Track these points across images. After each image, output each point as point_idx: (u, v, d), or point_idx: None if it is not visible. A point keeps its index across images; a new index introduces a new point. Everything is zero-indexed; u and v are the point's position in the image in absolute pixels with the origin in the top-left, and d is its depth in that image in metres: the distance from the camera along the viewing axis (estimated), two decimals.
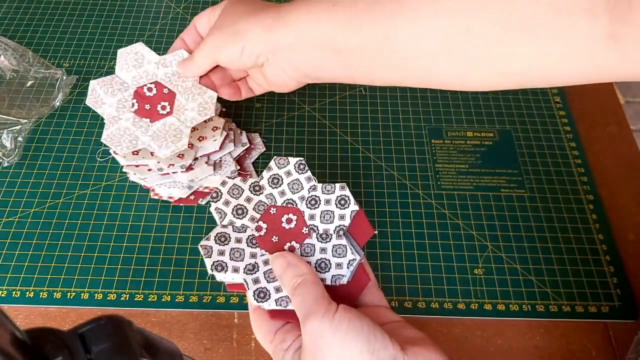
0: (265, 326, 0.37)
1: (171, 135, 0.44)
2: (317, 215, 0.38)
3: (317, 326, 0.32)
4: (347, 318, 0.32)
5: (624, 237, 0.49)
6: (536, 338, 0.44)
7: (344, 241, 0.37)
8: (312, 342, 0.33)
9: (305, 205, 0.39)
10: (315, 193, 0.39)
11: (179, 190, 0.49)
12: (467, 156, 0.54)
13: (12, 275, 0.46)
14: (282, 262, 0.36)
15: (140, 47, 0.47)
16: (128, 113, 0.45)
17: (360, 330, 0.32)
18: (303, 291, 0.34)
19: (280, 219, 0.39)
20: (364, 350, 0.31)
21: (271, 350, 0.36)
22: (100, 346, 0.22)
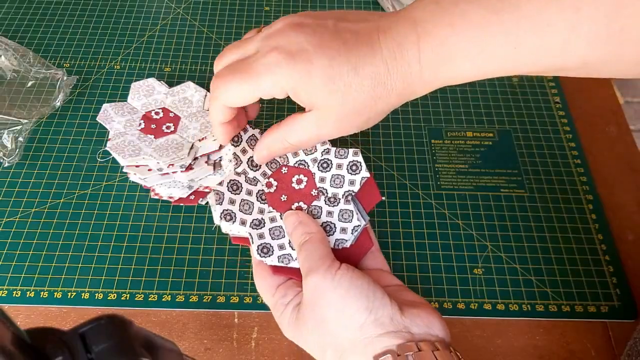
0: (267, 281, 0.38)
1: (173, 148, 0.46)
2: (327, 179, 0.39)
3: (319, 281, 0.33)
4: (348, 276, 0.33)
5: (624, 237, 0.49)
6: (536, 338, 0.45)
7: (351, 206, 0.38)
8: (313, 297, 0.33)
9: (316, 168, 0.40)
10: (327, 156, 0.40)
11: (179, 190, 0.49)
12: (467, 156, 0.54)
13: (12, 275, 0.46)
14: (294, 219, 0.37)
15: (152, 81, 0.50)
16: (134, 130, 0.47)
17: (360, 288, 0.33)
18: (309, 247, 0.35)
19: (290, 178, 0.40)
20: (362, 308, 0.32)
21: (272, 304, 0.37)
22: (101, 346, 0.22)
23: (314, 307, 0.33)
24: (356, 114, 0.35)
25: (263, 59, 0.35)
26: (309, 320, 0.34)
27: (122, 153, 0.45)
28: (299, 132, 0.37)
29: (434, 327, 0.33)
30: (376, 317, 0.32)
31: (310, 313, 0.34)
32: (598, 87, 0.60)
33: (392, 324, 0.32)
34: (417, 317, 0.33)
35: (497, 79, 0.60)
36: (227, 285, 0.46)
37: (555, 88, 0.59)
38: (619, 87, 1.51)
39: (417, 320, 0.32)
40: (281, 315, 0.36)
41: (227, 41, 0.63)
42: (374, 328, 0.32)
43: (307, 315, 0.34)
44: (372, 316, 0.32)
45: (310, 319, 0.34)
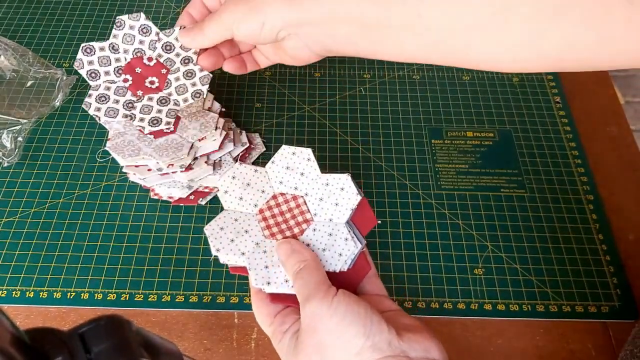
0: (265, 309, 0.38)
1: (172, 148, 0.45)
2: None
3: (316, 308, 0.33)
4: (345, 302, 0.33)
5: (624, 237, 0.49)
6: (536, 338, 0.45)
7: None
8: (311, 323, 0.33)
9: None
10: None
11: (178, 190, 0.49)
12: (467, 156, 0.54)
13: (12, 275, 0.46)
14: (287, 248, 0.37)
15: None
16: (134, 130, 0.46)
17: (357, 314, 0.33)
18: (305, 275, 0.35)
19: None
20: (359, 333, 0.32)
21: (270, 332, 0.37)
22: (100, 346, 0.22)
23: (312, 334, 0.33)
24: None
25: None
26: (308, 347, 0.33)
27: (122, 153, 0.45)
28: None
29: (432, 351, 0.33)
30: (373, 342, 0.32)
31: (308, 340, 0.34)
32: (598, 87, 0.60)
33: (390, 348, 0.32)
34: (415, 341, 0.33)
35: (498, 78, 0.60)
36: (227, 286, 0.46)
37: (556, 88, 0.59)
38: (619, 87, 1.51)
39: (414, 344, 0.32)
40: (280, 342, 0.36)
41: None
42: (372, 353, 0.32)
43: (306, 342, 0.34)
44: (370, 341, 0.32)
45: (308, 345, 0.33)
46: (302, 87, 0.59)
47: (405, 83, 0.60)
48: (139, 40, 0.46)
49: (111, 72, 0.45)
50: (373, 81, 0.60)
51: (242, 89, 0.47)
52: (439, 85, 0.59)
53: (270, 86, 0.59)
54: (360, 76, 0.60)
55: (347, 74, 0.60)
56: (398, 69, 0.61)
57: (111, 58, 0.45)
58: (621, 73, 1.56)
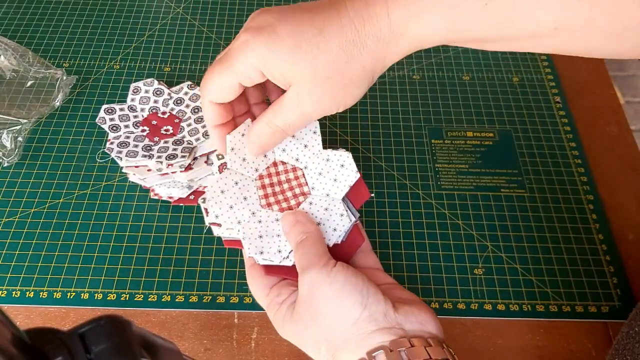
0: (260, 281, 0.38)
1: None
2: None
3: (315, 277, 0.34)
4: (343, 272, 0.34)
5: (624, 237, 0.49)
6: (536, 338, 0.44)
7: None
8: (309, 292, 0.34)
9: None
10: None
11: (178, 190, 0.49)
12: (467, 156, 0.54)
13: (12, 275, 0.46)
14: (292, 219, 0.37)
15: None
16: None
17: (355, 284, 0.33)
18: (306, 245, 0.36)
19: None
20: (357, 303, 0.33)
21: (265, 304, 0.37)
22: (100, 346, 0.22)
23: (309, 302, 0.34)
24: (330, 80, 0.34)
25: (235, 43, 0.35)
26: (305, 315, 0.34)
27: (121, 154, 0.46)
28: (282, 113, 0.36)
29: (427, 324, 0.33)
30: (370, 312, 0.32)
31: (305, 308, 0.34)
32: (598, 87, 0.60)
33: (386, 320, 0.32)
34: (410, 314, 0.33)
35: (498, 78, 0.60)
36: (227, 285, 0.46)
37: (556, 88, 0.59)
38: (619, 87, 1.51)
39: (410, 317, 0.33)
40: (275, 314, 0.36)
41: (227, 41, 0.63)
42: (368, 324, 0.32)
43: (303, 311, 0.34)
44: (366, 312, 0.32)
45: (305, 314, 0.34)
46: None
47: (405, 83, 0.60)
48: (154, 100, 0.51)
49: (130, 125, 0.50)
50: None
51: None
52: (439, 85, 0.59)
53: None
54: None
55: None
56: (398, 69, 0.61)
57: (130, 115, 0.50)
58: (621, 73, 1.56)
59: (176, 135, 0.49)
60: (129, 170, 0.48)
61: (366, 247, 0.40)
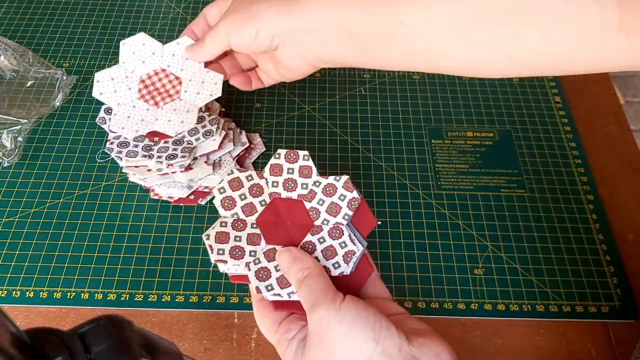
0: (269, 317, 0.37)
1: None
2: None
3: (324, 315, 0.33)
4: (353, 307, 0.33)
5: (624, 237, 0.49)
6: (536, 338, 0.44)
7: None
8: (319, 330, 0.33)
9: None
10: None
11: (178, 190, 0.49)
12: (467, 156, 0.54)
13: (12, 275, 0.46)
14: (288, 256, 0.37)
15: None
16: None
17: (366, 319, 0.32)
18: (310, 283, 0.35)
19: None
20: (369, 339, 0.31)
21: (275, 341, 0.36)
22: (100, 346, 0.22)
23: (320, 341, 0.33)
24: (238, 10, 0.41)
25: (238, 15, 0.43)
26: (316, 354, 0.33)
27: (121, 154, 0.45)
28: None
29: (443, 355, 0.32)
30: (383, 347, 0.31)
31: (316, 347, 0.33)
32: (598, 87, 0.60)
33: (400, 354, 0.31)
34: (425, 346, 0.32)
35: (498, 78, 0.60)
36: (227, 286, 0.46)
37: (556, 88, 0.59)
38: (619, 87, 1.51)
39: (425, 349, 0.32)
40: (285, 351, 0.35)
41: None
42: (382, 359, 0.31)
43: (314, 350, 0.33)
44: (380, 347, 0.31)
45: (317, 353, 0.33)
46: (302, 87, 0.59)
47: (405, 83, 0.60)
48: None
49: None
50: (373, 81, 0.60)
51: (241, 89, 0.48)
52: (439, 85, 0.59)
53: (270, 86, 0.59)
54: (360, 76, 0.60)
55: (347, 74, 0.60)
56: None
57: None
58: (621, 73, 1.56)
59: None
60: (129, 170, 0.48)
61: (375, 276, 0.39)
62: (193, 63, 0.47)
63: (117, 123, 0.45)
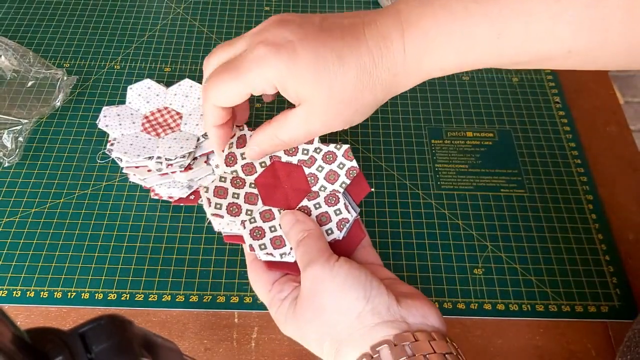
0: (262, 277, 0.38)
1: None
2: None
3: (318, 272, 0.34)
4: (346, 266, 0.34)
5: (624, 237, 0.49)
6: (536, 338, 0.45)
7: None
8: (312, 287, 0.34)
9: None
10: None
11: (178, 190, 0.49)
12: (467, 156, 0.54)
13: (12, 275, 0.46)
14: (291, 218, 0.38)
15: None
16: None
17: (358, 277, 0.33)
18: (308, 242, 0.36)
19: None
20: (360, 297, 0.33)
21: (268, 301, 0.37)
22: (101, 346, 0.22)
23: (312, 297, 0.34)
24: (343, 105, 0.35)
25: (250, 54, 0.35)
26: (307, 310, 0.34)
27: (123, 152, 0.46)
28: (289, 128, 0.37)
29: (430, 318, 0.33)
30: (373, 305, 0.32)
31: (308, 303, 0.34)
32: (598, 87, 0.60)
33: (389, 313, 0.32)
34: (413, 307, 0.33)
35: (497, 78, 0.60)
36: (227, 285, 0.46)
37: (555, 88, 0.59)
38: (619, 87, 1.51)
39: (413, 310, 0.33)
40: (278, 310, 0.36)
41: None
42: (371, 317, 0.32)
43: (305, 306, 0.34)
44: (370, 305, 0.32)
45: (308, 309, 0.34)
46: None
47: None
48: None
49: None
50: None
51: None
52: (439, 85, 0.60)
53: None
54: None
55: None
56: None
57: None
58: (621, 73, 1.56)
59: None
60: (129, 171, 0.48)
61: (366, 242, 0.40)
62: (193, 100, 0.49)
63: (120, 148, 0.46)
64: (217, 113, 0.39)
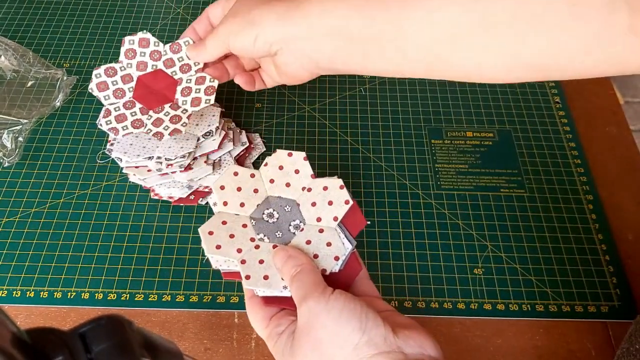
0: (260, 313, 0.38)
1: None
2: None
3: (313, 306, 0.34)
4: (341, 299, 0.34)
5: (624, 237, 0.49)
6: (536, 338, 0.45)
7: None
8: (308, 321, 0.34)
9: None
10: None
11: (178, 190, 0.49)
12: (467, 156, 0.54)
13: (12, 275, 0.46)
14: (284, 254, 0.38)
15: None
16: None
17: (353, 310, 0.33)
18: (301, 277, 0.36)
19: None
20: (356, 328, 0.33)
21: (265, 336, 0.38)
22: (101, 346, 0.22)
23: (309, 331, 0.34)
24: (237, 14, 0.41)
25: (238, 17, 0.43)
26: (305, 344, 0.34)
27: (123, 152, 0.46)
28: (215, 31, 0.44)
29: (427, 347, 0.33)
30: (369, 337, 0.32)
31: (305, 338, 0.34)
32: (598, 87, 0.60)
33: (386, 344, 0.32)
34: (410, 338, 0.33)
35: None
36: (227, 285, 0.46)
37: (555, 88, 0.60)
38: (619, 87, 1.51)
39: (410, 341, 0.33)
40: (275, 344, 0.36)
41: None
42: (368, 348, 0.32)
43: (303, 340, 0.34)
44: (366, 337, 0.32)
45: (305, 343, 0.34)
46: (302, 87, 0.59)
47: (405, 83, 0.60)
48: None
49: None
50: (373, 81, 0.60)
51: (242, 89, 0.48)
52: (439, 85, 0.60)
53: None
54: (360, 76, 0.60)
55: (346, 74, 0.60)
56: None
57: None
58: None
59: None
60: (129, 171, 0.48)
61: (364, 274, 0.40)
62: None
63: (120, 148, 0.46)
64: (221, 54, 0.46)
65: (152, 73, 0.49)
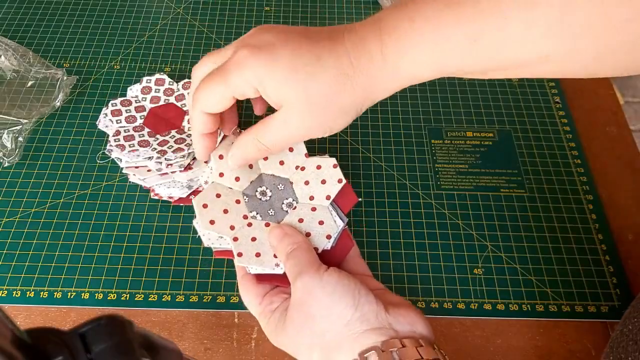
0: (253, 290, 0.39)
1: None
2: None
3: (308, 282, 0.34)
4: (335, 275, 0.35)
5: (624, 237, 0.49)
6: (536, 338, 0.45)
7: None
8: (302, 297, 0.35)
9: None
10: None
11: (178, 190, 0.49)
12: (467, 156, 0.54)
13: (12, 275, 0.46)
14: (279, 232, 0.38)
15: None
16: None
17: (347, 286, 0.34)
18: (297, 254, 0.36)
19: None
20: (349, 304, 0.33)
21: (258, 313, 0.38)
22: (101, 346, 0.22)
23: (302, 307, 0.34)
24: (320, 108, 0.35)
25: (233, 58, 0.35)
26: (297, 320, 0.35)
27: (121, 154, 0.46)
28: (270, 131, 0.37)
29: (418, 325, 0.34)
30: (362, 313, 0.33)
31: (298, 313, 0.35)
32: (598, 87, 0.60)
33: (377, 320, 0.33)
34: (401, 315, 0.34)
35: (499, 80, 0.60)
36: (227, 285, 0.46)
37: (555, 88, 0.59)
38: (619, 88, 1.51)
39: (400, 318, 0.34)
40: (268, 321, 0.37)
41: (227, 41, 0.63)
42: (360, 324, 0.33)
43: (296, 316, 0.35)
44: (358, 312, 0.33)
45: (298, 318, 0.35)
46: None
47: None
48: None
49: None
50: None
51: None
52: (439, 85, 0.60)
53: None
54: None
55: None
56: None
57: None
58: None
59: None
60: (129, 171, 0.48)
61: (355, 253, 0.41)
62: None
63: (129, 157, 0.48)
64: (204, 120, 0.38)
65: (164, 105, 0.51)
